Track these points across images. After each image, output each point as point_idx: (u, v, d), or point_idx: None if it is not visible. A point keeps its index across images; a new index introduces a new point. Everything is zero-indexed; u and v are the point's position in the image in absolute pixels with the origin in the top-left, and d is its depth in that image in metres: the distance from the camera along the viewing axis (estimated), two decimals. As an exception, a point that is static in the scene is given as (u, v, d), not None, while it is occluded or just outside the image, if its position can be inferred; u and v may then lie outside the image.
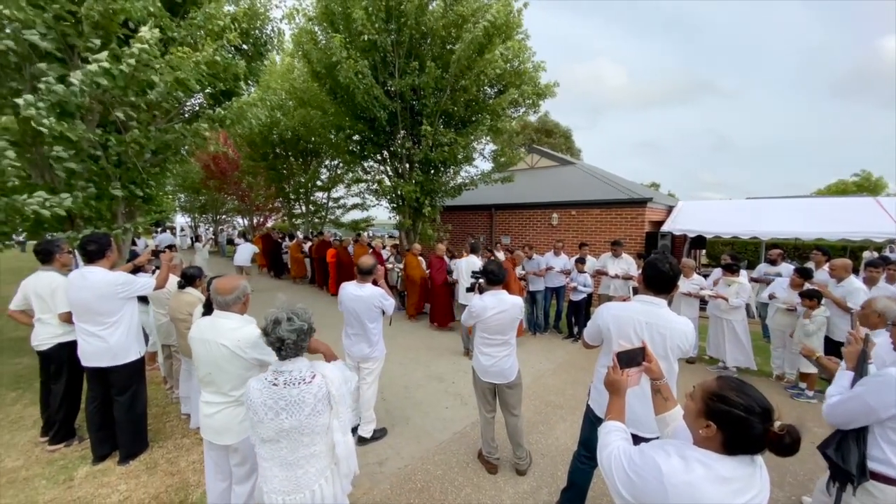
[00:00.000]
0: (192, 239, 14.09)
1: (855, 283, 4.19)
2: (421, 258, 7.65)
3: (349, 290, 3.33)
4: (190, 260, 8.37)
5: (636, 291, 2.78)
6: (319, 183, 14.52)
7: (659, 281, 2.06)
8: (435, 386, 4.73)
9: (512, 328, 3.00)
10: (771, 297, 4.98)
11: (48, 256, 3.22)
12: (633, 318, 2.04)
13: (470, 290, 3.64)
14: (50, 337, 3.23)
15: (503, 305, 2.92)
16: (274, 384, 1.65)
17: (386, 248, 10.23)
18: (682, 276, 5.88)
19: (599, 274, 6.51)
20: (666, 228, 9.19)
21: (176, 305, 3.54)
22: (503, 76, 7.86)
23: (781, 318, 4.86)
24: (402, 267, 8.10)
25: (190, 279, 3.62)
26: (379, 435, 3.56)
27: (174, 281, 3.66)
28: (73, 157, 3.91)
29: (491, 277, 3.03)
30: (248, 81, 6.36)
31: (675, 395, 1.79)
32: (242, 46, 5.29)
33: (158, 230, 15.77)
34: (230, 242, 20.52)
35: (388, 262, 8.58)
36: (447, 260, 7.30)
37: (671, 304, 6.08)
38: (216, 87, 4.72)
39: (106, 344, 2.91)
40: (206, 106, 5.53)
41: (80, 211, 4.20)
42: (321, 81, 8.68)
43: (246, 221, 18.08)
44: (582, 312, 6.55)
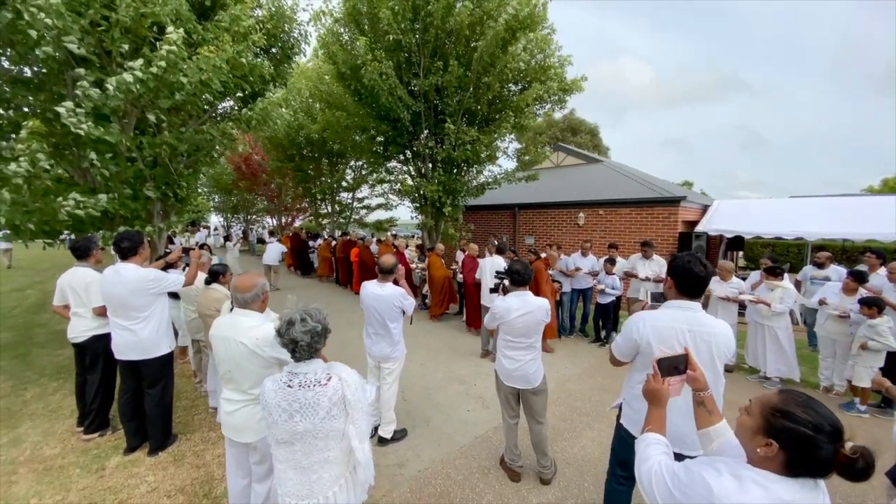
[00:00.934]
0: (224, 238, 14.61)
1: (920, 288, 3.80)
2: (441, 259, 7.60)
3: (370, 289, 3.30)
4: (222, 258, 8.64)
5: (661, 298, 2.54)
6: (345, 184, 14.75)
7: (692, 284, 1.88)
8: (456, 388, 4.65)
9: (537, 331, 2.87)
10: (821, 302, 4.60)
11: (85, 252, 3.35)
12: (673, 327, 1.85)
13: (493, 290, 3.54)
14: (85, 329, 3.37)
15: (528, 307, 2.80)
16: (289, 386, 1.61)
17: (409, 248, 10.23)
18: (719, 278, 5.56)
19: (629, 276, 6.24)
20: (701, 228, 8.76)
21: (204, 302, 3.62)
22: (527, 72, 7.69)
23: (832, 325, 4.48)
24: (423, 266, 8.08)
25: (214, 275, 3.70)
26: (399, 436, 3.51)
27: (202, 278, 3.76)
28: (109, 160, 4.09)
29: (516, 278, 2.92)
30: (275, 84, 6.50)
31: (720, 407, 1.64)
32: (271, 49, 5.38)
33: (192, 229, 16.49)
34: (260, 241, 21.17)
35: (411, 262, 8.59)
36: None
37: (707, 308, 5.77)
38: (245, 90, 4.83)
39: (137, 338, 3.00)
40: (235, 109, 5.66)
41: (116, 211, 4.39)
42: (346, 83, 8.78)
43: (275, 221, 18.62)
44: (610, 316, 6.31)
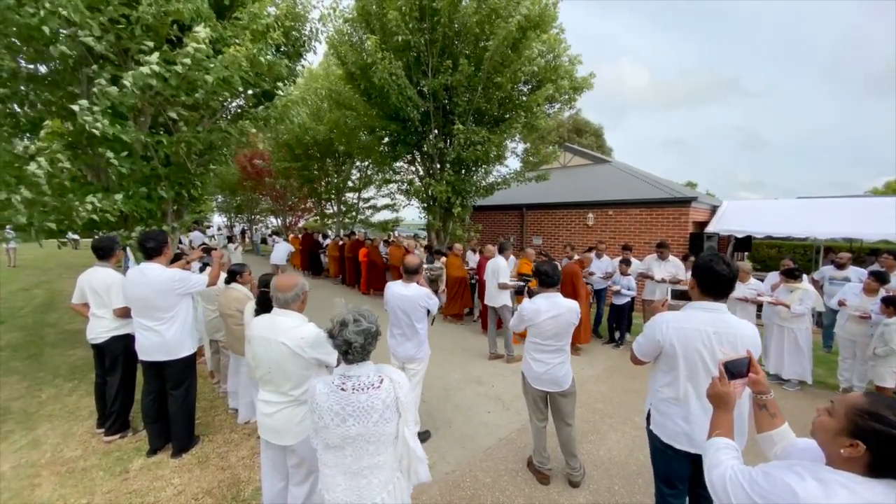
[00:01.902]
0: (227, 238, 14.44)
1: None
2: (460, 260, 7.53)
3: (395, 289, 3.27)
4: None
5: (682, 296, 2.49)
6: (350, 184, 14.72)
7: (718, 284, 1.84)
8: (474, 389, 4.62)
9: (567, 334, 2.84)
10: (841, 303, 4.58)
11: (108, 253, 3.32)
12: (698, 329, 1.82)
13: (518, 292, 3.52)
14: (104, 330, 3.33)
15: (558, 309, 2.77)
16: (342, 389, 1.58)
17: (418, 248, 10.18)
18: (737, 279, 5.53)
19: (644, 277, 6.21)
20: (711, 229, 8.73)
21: (224, 301, 3.59)
22: (539, 72, 7.66)
23: (852, 326, 4.46)
24: (431, 267, 8.04)
25: (233, 275, 3.68)
26: (423, 438, 3.47)
27: (222, 277, 3.73)
28: (125, 158, 4.05)
29: (544, 279, 2.89)
30: (286, 82, 6.47)
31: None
32: (283, 47, 5.35)
33: (199, 228, 16.43)
34: (263, 241, 21.15)
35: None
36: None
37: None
38: (260, 87, 4.79)
39: (162, 338, 2.96)
40: (248, 107, 5.63)
41: (131, 211, 4.35)
42: (356, 83, 8.76)
43: (279, 221, 18.58)
44: (625, 317, 6.28)
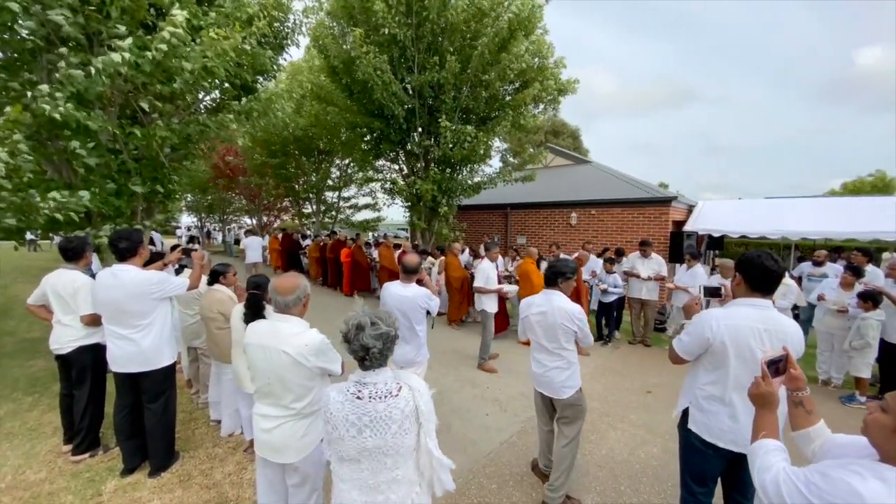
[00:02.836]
0: (189, 240, 13.23)
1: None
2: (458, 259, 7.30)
3: (394, 290, 3.12)
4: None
5: (714, 293, 2.48)
6: (330, 182, 14.34)
7: (766, 280, 1.84)
8: (470, 391, 4.52)
9: (559, 337, 2.61)
10: (820, 298, 4.76)
11: (78, 254, 3.01)
12: (749, 326, 1.79)
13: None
14: (71, 340, 3.03)
15: (546, 307, 2.62)
16: (358, 397, 1.44)
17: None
18: (720, 276, 5.68)
19: (630, 275, 6.29)
20: (689, 228, 8.98)
21: (206, 304, 3.35)
22: (526, 71, 7.67)
23: (831, 320, 4.64)
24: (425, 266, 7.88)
25: (215, 276, 3.45)
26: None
27: (203, 280, 3.48)
28: (91, 150, 3.72)
29: (546, 276, 2.81)
30: (267, 76, 6.18)
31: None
32: (267, 38, 5.09)
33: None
34: (237, 242, 20.34)
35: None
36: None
37: (709, 306, 5.89)
38: (242, 79, 4.53)
39: (138, 347, 2.70)
40: (227, 99, 5.33)
41: (98, 209, 4.01)
42: (338, 77, 8.51)
43: (254, 221, 17.87)
44: (613, 315, 6.34)
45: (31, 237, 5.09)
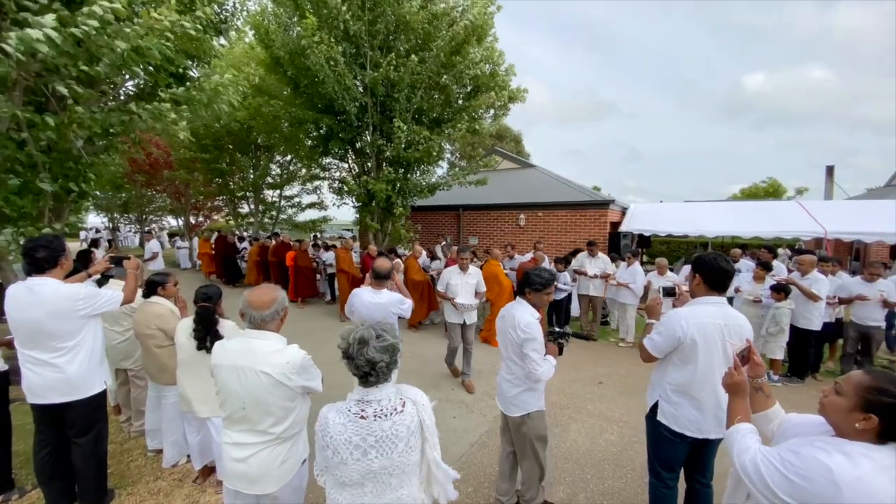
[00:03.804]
0: (90, 244, 10.94)
1: (818, 275, 4.70)
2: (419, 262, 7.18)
3: (365, 296, 3.01)
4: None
5: (670, 293, 2.69)
6: (270, 179, 13.42)
7: (721, 279, 2.06)
8: (434, 394, 4.41)
9: (511, 347, 2.38)
10: (737, 290, 5.43)
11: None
12: (713, 322, 1.98)
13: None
14: (-34, 367, 2.51)
15: (506, 312, 2.47)
16: (362, 417, 1.36)
17: (354, 250, 9.67)
18: (656, 273, 6.25)
19: (578, 273, 6.69)
20: (624, 229, 9.76)
21: (142, 319, 2.98)
22: (480, 77, 7.81)
23: (747, 309, 5.29)
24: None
25: (153, 286, 3.09)
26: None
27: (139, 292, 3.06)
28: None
29: (518, 283, 2.55)
30: (200, 63, 5.62)
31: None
32: (213, 23, 4.62)
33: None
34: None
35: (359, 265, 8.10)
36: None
37: (645, 300, 6.45)
38: (180, 65, 4.05)
39: (63, 374, 2.30)
40: (157, 86, 4.75)
41: (-3, 208, 3.37)
42: (281, 68, 7.99)
43: (180, 221, 16.10)
44: (563, 310, 6.70)
45: None
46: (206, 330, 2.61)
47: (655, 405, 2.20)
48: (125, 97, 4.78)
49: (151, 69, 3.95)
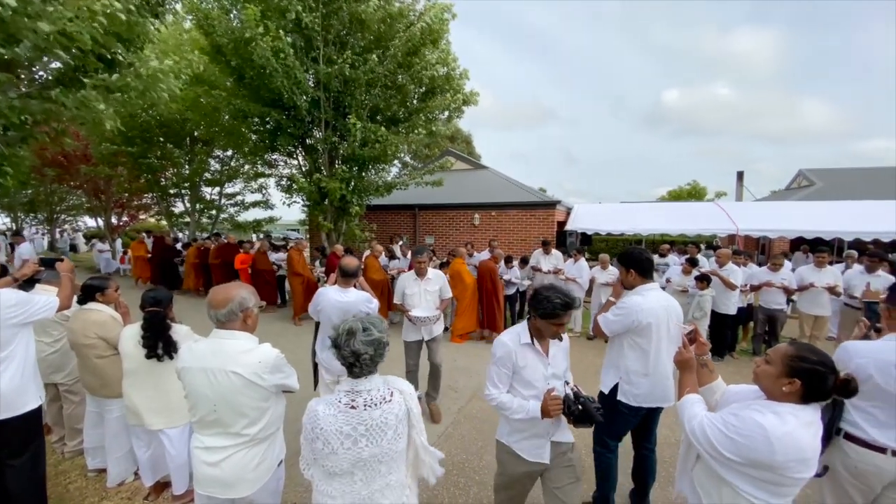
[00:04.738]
0: None
1: (734, 266, 5.40)
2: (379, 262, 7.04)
3: (331, 296, 2.98)
4: None
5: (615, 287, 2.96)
6: (208, 176, 12.50)
7: (649, 266, 2.35)
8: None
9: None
10: (668, 281, 6.07)
11: None
12: (662, 306, 2.27)
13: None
14: None
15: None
16: (351, 407, 1.41)
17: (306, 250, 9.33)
18: (599, 267, 6.76)
19: (534, 270, 7.06)
20: (569, 227, 10.42)
21: (79, 327, 2.74)
22: (436, 79, 7.92)
23: (677, 297, 5.90)
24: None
25: (90, 291, 2.83)
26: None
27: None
28: None
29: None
30: (130, 48, 5.16)
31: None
32: (148, 4, 4.26)
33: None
34: (73, 248, 16.35)
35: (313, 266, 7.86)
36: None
37: (591, 293, 6.96)
38: (111, 49, 3.70)
39: (-10, 390, 2.06)
40: (83, 71, 4.31)
41: None
42: (222, 57, 7.50)
43: (100, 221, 14.39)
44: (516, 305, 7.04)
45: None
46: (155, 337, 2.46)
47: (615, 387, 2.40)
48: (43, 82, 4.28)
49: (79, 53, 3.59)
